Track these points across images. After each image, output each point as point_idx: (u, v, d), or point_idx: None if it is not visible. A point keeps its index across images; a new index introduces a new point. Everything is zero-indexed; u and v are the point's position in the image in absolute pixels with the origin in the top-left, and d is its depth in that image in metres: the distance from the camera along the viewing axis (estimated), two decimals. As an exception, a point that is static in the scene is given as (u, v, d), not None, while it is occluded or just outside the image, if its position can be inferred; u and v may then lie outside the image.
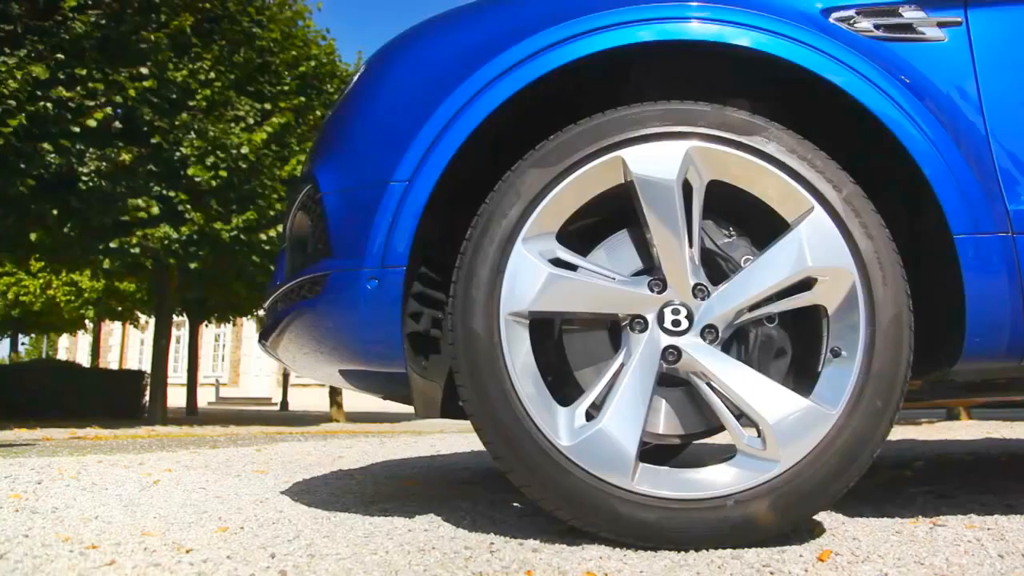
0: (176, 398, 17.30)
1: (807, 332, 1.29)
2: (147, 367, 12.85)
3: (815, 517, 1.47)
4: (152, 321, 11.73)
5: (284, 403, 20.46)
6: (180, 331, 23.04)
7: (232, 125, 8.23)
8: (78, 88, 6.78)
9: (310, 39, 9.84)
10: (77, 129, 6.80)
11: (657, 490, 1.14)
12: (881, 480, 2.25)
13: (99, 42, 6.90)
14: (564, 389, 1.32)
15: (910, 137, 1.24)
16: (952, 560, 1.06)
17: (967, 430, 5.60)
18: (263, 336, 1.67)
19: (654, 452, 1.91)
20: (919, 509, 1.60)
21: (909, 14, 1.30)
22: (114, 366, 25.55)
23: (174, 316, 14.05)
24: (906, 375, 1.17)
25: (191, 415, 12.84)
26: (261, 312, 7.34)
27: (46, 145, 6.68)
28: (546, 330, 1.36)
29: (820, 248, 1.20)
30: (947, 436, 4.82)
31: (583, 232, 1.40)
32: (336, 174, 1.40)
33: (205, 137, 7.91)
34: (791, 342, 1.28)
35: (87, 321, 17.49)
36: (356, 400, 15.51)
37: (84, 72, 6.81)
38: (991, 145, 1.26)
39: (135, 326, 16.73)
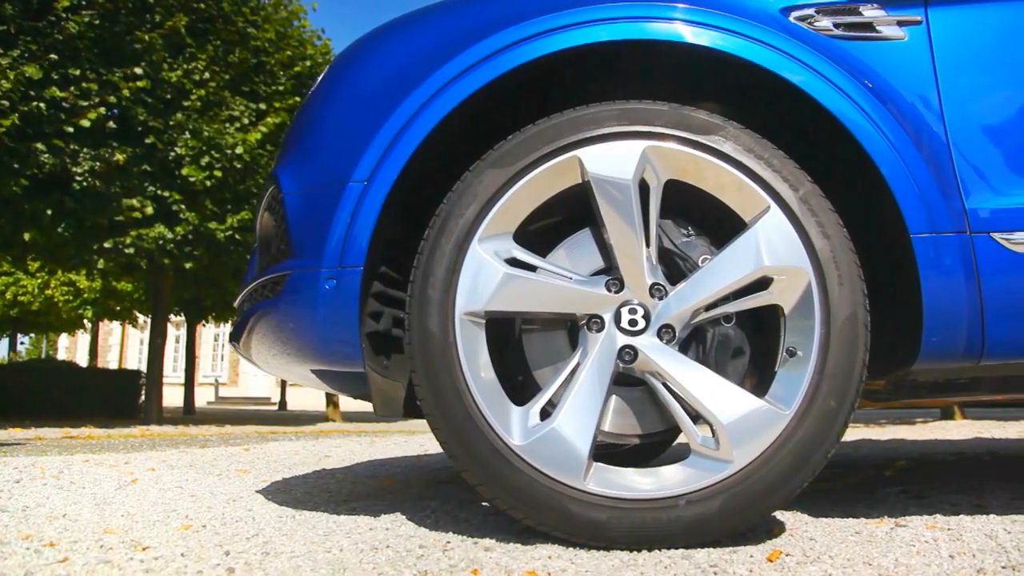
0: (175, 398, 17.33)
1: (766, 332, 1.28)
2: (146, 367, 12.87)
3: (780, 517, 1.47)
4: (150, 321, 11.75)
5: (283, 403, 20.49)
6: (180, 331, 23.07)
7: (227, 125, 8.23)
8: (72, 88, 6.78)
9: (305, 39, 9.84)
10: (71, 129, 6.80)
11: (609, 490, 1.14)
12: (858, 480, 2.25)
13: (93, 42, 6.90)
14: (525, 389, 1.32)
15: (867, 136, 1.23)
16: (901, 561, 1.05)
17: (959, 430, 5.59)
18: (233, 337, 1.67)
19: (634, 452, 1.90)
20: (888, 509, 1.59)
21: (869, 12, 1.30)
22: (114, 366, 25.59)
23: (174, 316, 14.07)
24: (861, 375, 1.17)
25: (188, 415, 12.85)
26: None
27: (40, 145, 6.68)
28: (508, 330, 1.36)
29: (776, 247, 1.19)
30: (937, 436, 4.82)
31: (546, 231, 1.41)
32: (297, 175, 1.40)
33: (200, 137, 7.92)
34: (750, 342, 1.28)
35: (86, 321, 17.52)
36: (355, 400, 15.50)
37: (78, 72, 6.81)
38: (950, 144, 1.26)
39: (133, 326, 16.75)
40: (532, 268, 1.26)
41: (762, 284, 1.21)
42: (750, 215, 1.22)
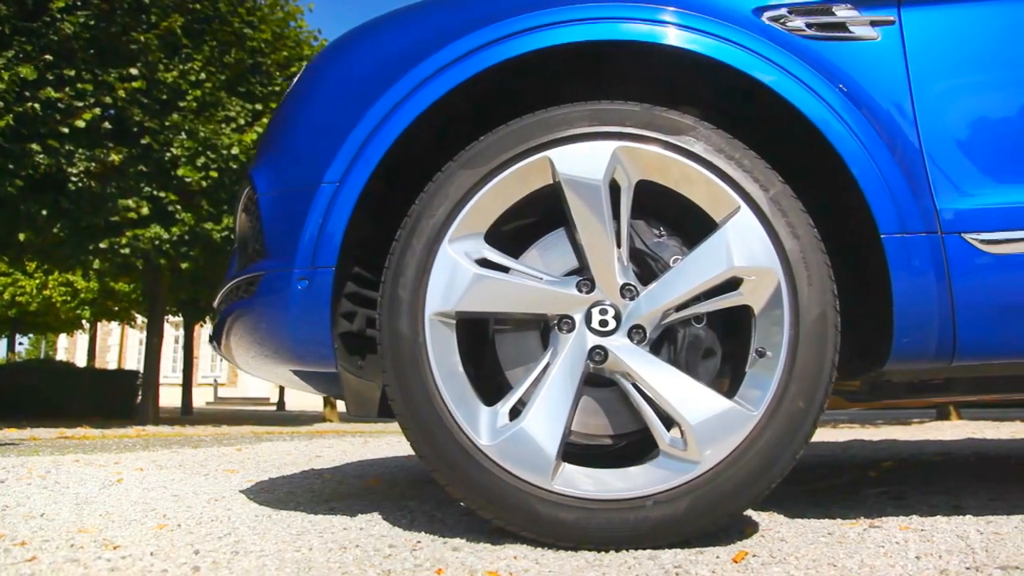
0: (174, 398, 17.32)
1: (739, 333, 1.28)
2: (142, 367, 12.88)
3: (755, 518, 1.47)
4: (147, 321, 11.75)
5: (281, 403, 20.48)
6: (179, 331, 23.07)
7: (223, 126, 8.24)
8: (67, 89, 6.79)
9: (302, 40, 9.85)
10: (66, 130, 6.81)
11: (576, 490, 1.14)
12: (843, 481, 2.25)
13: (88, 43, 6.91)
14: (498, 389, 1.32)
15: (838, 136, 1.23)
16: (866, 562, 1.05)
17: (953, 430, 5.59)
18: (213, 337, 1.67)
19: (626, 450, 1.90)
20: (865, 510, 1.59)
21: (842, 13, 1.30)
22: (113, 366, 25.60)
23: (172, 317, 14.06)
24: (831, 376, 1.17)
25: (186, 415, 12.85)
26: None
27: (35, 146, 6.69)
28: (482, 330, 1.36)
29: (746, 248, 1.19)
30: (930, 436, 4.82)
31: (521, 232, 1.41)
32: (271, 175, 1.41)
33: (196, 138, 7.92)
34: (722, 343, 1.28)
35: (84, 322, 17.52)
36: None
37: (73, 73, 6.82)
38: (922, 144, 1.25)
39: (131, 326, 16.75)
40: (505, 269, 1.26)
41: (732, 285, 1.21)
42: (721, 215, 1.22)
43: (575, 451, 1.29)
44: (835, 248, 1.35)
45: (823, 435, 5.16)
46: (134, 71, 7.28)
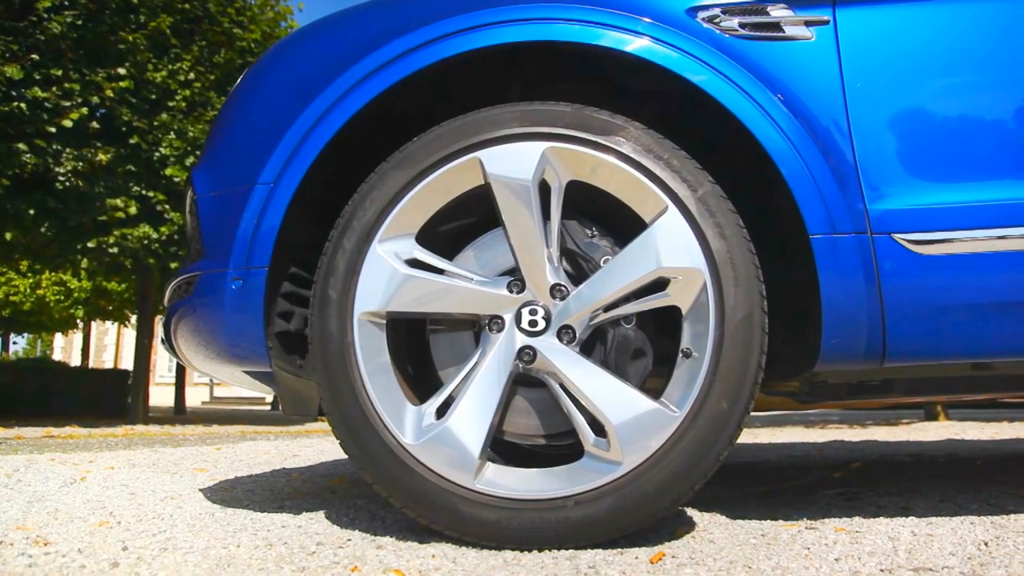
0: (169, 398, 17.30)
1: (672, 334, 1.28)
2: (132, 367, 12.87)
3: (697, 519, 1.47)
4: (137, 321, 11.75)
5: (275, 402, 20.46)
6: (175, 331, 22.94)
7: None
8: (54, 88, 6.79)
9: (294, 39, 9.82)
10: (53, 129, 6.81)
11: (499, 490, 1.14)
12: (806, 482, 2.25)
13: (76, 42, 6.91)
14: (434, 390, 1.32)
15: (767, 136, 1.23)
16: (782, 564, 1.05)
17: (938, 431, 5.59)
18: (164, 338, 1.67)
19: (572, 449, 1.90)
20: (813, 512, 1.59)
21: (776, 12, 1.30)
22: (109, 365, 25.59)
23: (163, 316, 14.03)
24: (756, 377, 1.17)
25: (179, 414, 12.85)
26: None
27: (21, 145, 6.69)
28: (418, 330, 1.37)
29: (672, 248, 1.19)
30: (912, 437, 4.81)
31: (462, 232, 1.41)
32: (210, 176, 1.41)
33: (184, 138, 7.92)
34: (652, 343, 1.28)
35: (78, 321, 17.52)
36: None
37: (60, 73, 6.82)
38: (854, 145, 1.25)
39: (126, 325, 16.75)
40: (439, 270, 1.26)
41: (660, 285, 1.21)
42: (650, 216, 1.22)
43: (524, 453, 1.29)
44: (776, 249, 1.36)
45: (806, 435, 5.16)
46: (122, 71, 7.28)
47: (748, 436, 5.13)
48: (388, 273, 1.22)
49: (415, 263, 1.25)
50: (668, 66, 1.25)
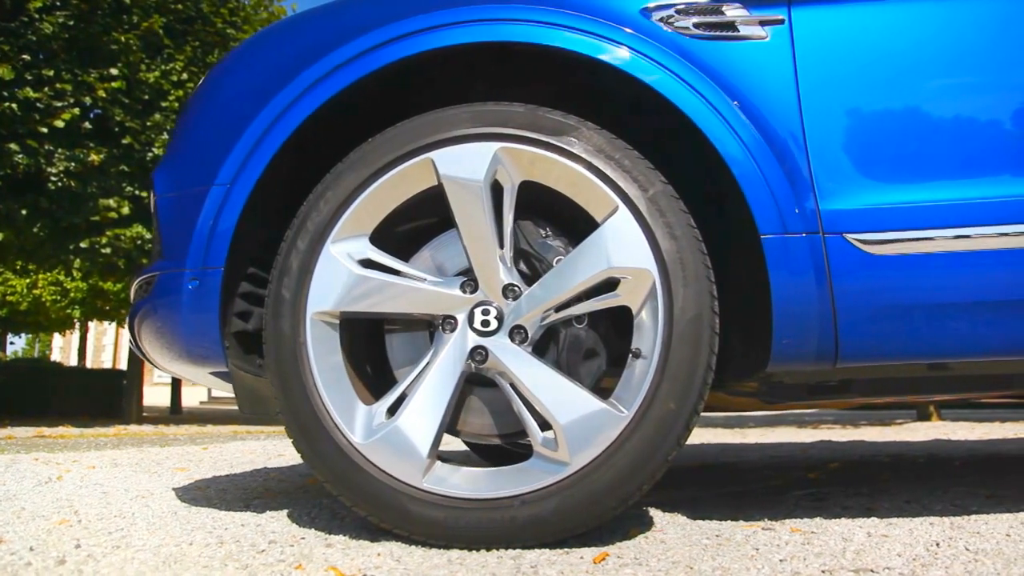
0: (166, 398, 17.29)
1: (625, 334, 1.29)
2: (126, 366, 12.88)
3: (657, 519, 1.47)
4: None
5: (274, 403, 20.41)
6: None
7: (207, 125, 8.22)
8: (46, 89, 6.80)
9: (289, 40, 9.83)
10: (45, 130, 6.82)
11: (446, 489, 1.14)
12: (780, 482, 2.25)
13: (68, 43, 6.92)
14: (390, 389, 1.32)
15: (719, 136, 1.23)
16: (724, 565, 1.05)
17: (928, 431, 5.59)
18: (131, 338, 1.68)
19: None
20: (775, 512, 1.59)
21: (731, 12, 1.30)
22: (108, 365, 25.61)
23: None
24: (705, 378, 1.17)
25: (174, 414, 12.86)
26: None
27: (13, 145, 6.71)
28: (376, 330, 1.37)
29: (622, 248, 1.20)
30: (901, 437, 4.81)
31: (421, 232, 1.41)
32: (169, 178, 1.42)
33: (179, 137, 7.91)
34: (605, 343, 1.28)
35: (75, 321, 17.54)
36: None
37: (52, 73, 6.83)
38: (807, 145, 1.25)
39: (121, 326, 16.76)
40: (394, 270, 1.27)
41: (611, 285, 1.21)
42: (601, 215, 1.23)
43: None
44: (733, 249, 1.36)
45: (796, 436, 5.17)
46: (115, 71, 7.29)
47: (736, 436, 5.14)
48: (341, 273, 1.23)
49: (369, 263, 1.25)
50: (619, 66, 1.25)
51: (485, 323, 1.22)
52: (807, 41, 1.29)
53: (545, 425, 1.19)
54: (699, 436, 5.21)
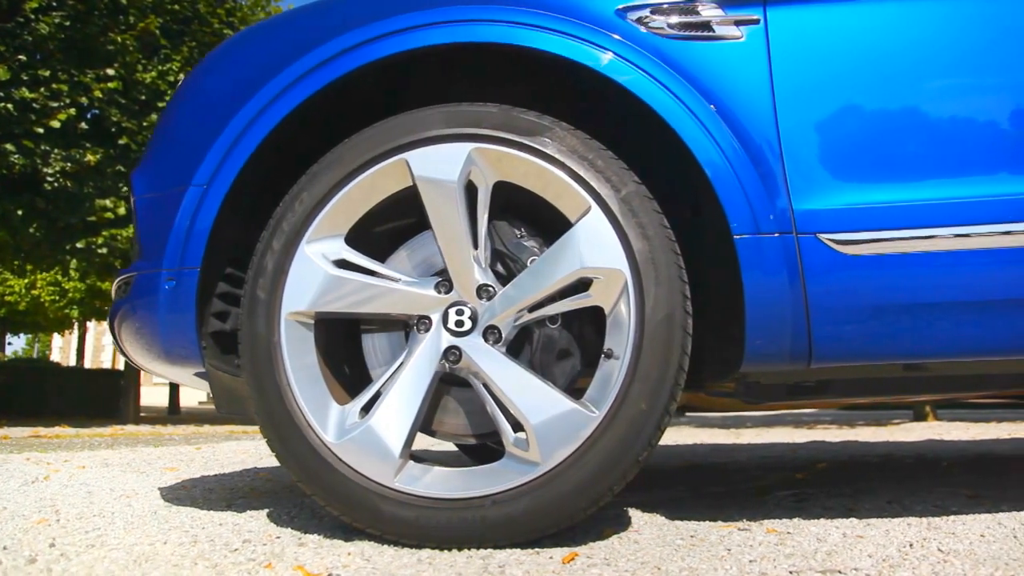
0: (165, 398, 17.28)
1: (600, 335, 1.29)
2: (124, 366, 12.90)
3: (635, 519, 1.47)
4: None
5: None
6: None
7: (204, 126, 8.23)
8: (42, 89, 6.82)
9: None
10: (41, 130, 6.83)
11: (419, 488, 1.15)
12: (766, 482, 2.25)
13: (64, 43, 6.94)
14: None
15: (692, 136, 1.23)
16: (691, 565, 1.05)
17: (923, 431, 5.59)
18: (113, 338, 1.68)
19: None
20: (755, 512, 1.59)
21: (707, 12, 1.30)
22: (108, 365, 25.63)
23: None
24: (677, 378, 1.17)
25: (172, 414, 12.87)
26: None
27: (9, 146, 6.72)
28: (354, 330, 1.37)
29: (595, 248, 1.20)
30: (895, 437, 4.81)
31: (398, 233, 1.41)
32: (148, 178, 1.42)
33: (176, 138, 7.92)
34: (579, 344, 1.29)
35: (74, 321, 17.56)
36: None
37: (48, 73, 6.85)
38: (781, 145, 1.25)
39: (121, 326, 16.77)
40: (370, 271, 1.27)
41: (584, 285, 1.21)
42: (574, 216, 1.23)
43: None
44: (709, 249, 1.36)
45: (791, 436, 5.17)
46: (111, 71, 7.31)
47: (730, 437, 5.14)
48: (316, 274, 1.23)
49: (344, 264, 1.26)
50: (593, 66, 1.25)
51: (459, 323, 1.23)
52: (782, 41, 1.29)
53: (518, 426, 1.19)
54: (693, 436, 5.21)
